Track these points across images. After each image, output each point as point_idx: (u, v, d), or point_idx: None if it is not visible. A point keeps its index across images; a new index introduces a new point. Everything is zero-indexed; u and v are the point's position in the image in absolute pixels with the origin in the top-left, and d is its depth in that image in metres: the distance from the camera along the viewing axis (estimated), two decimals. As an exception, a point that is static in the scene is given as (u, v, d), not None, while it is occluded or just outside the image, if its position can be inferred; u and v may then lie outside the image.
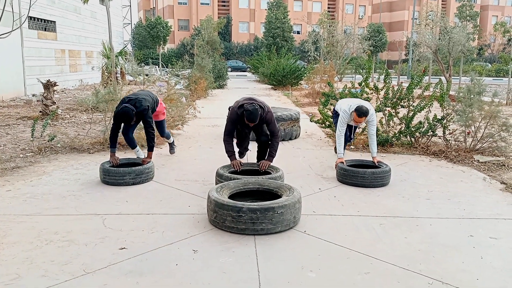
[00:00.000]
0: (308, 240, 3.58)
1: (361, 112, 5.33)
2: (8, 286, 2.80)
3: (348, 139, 5.98)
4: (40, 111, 10.02)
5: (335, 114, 6.02)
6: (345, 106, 5.59)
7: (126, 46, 26.60)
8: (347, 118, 5.54)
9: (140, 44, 45.72)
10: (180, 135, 8.10)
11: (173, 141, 6.74)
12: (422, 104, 6.98)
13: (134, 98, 5.29)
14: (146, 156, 5.44)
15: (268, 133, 5.09)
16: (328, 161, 6.31)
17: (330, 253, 3.35)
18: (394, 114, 7.16)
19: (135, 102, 5.23)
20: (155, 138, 5.65)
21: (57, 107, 10.13)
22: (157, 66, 32.00)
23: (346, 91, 7.49)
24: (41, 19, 17.45)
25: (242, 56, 49.38)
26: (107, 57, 17.78)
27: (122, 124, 5.45)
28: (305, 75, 19.36)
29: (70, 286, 2.81)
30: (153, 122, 5.51)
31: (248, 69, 39.03)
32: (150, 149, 5.40)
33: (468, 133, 6.84)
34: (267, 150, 5.12)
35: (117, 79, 11.22)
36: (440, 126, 6.87)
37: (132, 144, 5.81)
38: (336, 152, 6.51)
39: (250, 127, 5.00)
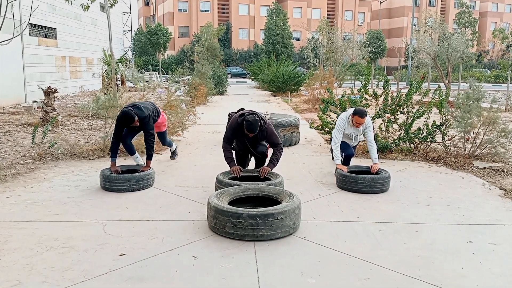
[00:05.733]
0: (308, 246, 3.58)
1: (361, 112, 5.40)
2: (9, 293, 2.81)
3: (351, 153, 5.89)
4: (40, 118, 10.05)
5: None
6: (340, 117, 5.69)
7: (126, 53, 26.71)
8: (343, 125, 5.58)
9: (140, 51, 45.87)
10: (180, 141, 8.11)
11: (176, 148, 6.75)
12: (421, 110, 7.00)
13: (136, 106, 5.33)
14: (145, 165, 5.42)
15: (265, 147, 5.09)
16: (328, 167, 6.33)
17: (330, 259, 3.35)
18: (393, 120, 7.18)
19: (136, 108, 5.27)
20: (155, 145, 5.64)
21: (57, 113, 10.16)
22: (157, 73, 32.10)
23: (346, 97, 7.51)
24: (42, 26, 17.54)
25: (242, 63, 49.52)
26: (107, 63, 17.85)
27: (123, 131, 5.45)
28: (304, 81, 19.43)
29: (70, 293, 2.82)
30: (154, 131, 5.51)
31: (248, 75, 39.15)
32: (149, 157, 5.39)
33: (467, 139, 6.86)
34: (264, 161, 5.15)
35: (117, 85, 11.25)
36: (439, 132, 6.89)
37: (130, 151, 5.82)
38: (333, 159, 6.53)
39: (249, 137, 5.00)
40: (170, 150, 6.72)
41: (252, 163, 5.73)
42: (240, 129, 4.92)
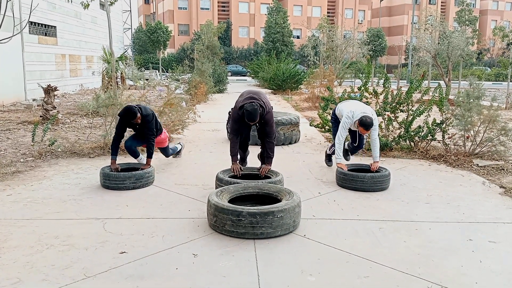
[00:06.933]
0: (308, 244, 3.59)
1: (367, 125, 5.18)
2: (9, 290, 2.81)
3: (359, 146, 5.85)
4: (40, 116, 10.05)
5: (334, 119, 5.94)
6: (347, 112, 5.44)
7: (126, 51, 26.69)
8: (349, 124, 5.42)
9: (140, 49, 45.86)
10: (180, 140, 8.11)
11: (181, 149, 6.70)
12: (421, 109, 7.00)
13: (139, 105, 5.31)
14: (145, 163, 5.40)
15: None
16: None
17: (330, 257, 3.36)
18: (393, 118, 7.18)
19: (141, 105, 5.25)
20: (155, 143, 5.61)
21: (57, 111, 10.15)
22: (157, 71, 32.08)
23: (346, 96, 7.51)
24: (42, 24, 17.52)
25: (242, 61, 49.49)
26: (107, 61, 17.85)
27: (126, 135, 5.43)
28: (304, 79, 19.41)
29: (70, 290, 2.82)
30: (154, 130, 5.46)
31: (248, 73, 39.13)
32: (149, 156, 5.38)
33: (467, 137, 6.86)
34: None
35: (117, 83, 11.24)
36: (439, 130, 6.89)
37: (134, 155, 5.71)
38: (326, 158, 6.52)
39: (251, 126, 5.02)
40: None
41: (253, 161, 5.73)
42: (242, 120, 4.89)
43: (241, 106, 4.83)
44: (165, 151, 6.18)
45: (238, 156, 5.17)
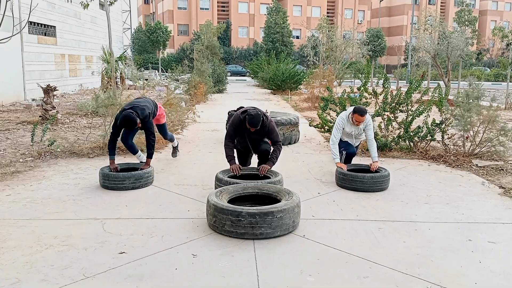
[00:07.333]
0: (307, 245, 3.59)
1: (361, 110, 5.40)
2: (8, 291, 2.81)
3: (353, 152, 5.87)
4: (39, 116, 10.04)
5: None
6: (341, 115, 5.68)
7: (125, 51, 26.68)
8: (343, 124, 5.57)
9: (139, 49, 45.86)
10: (180, 140, 8.10)
11: (177, 145, 6.72)
12: (420, 109, 7.00)
13: (135, 106, 5.25)
14: (144, 163, 5.40)
15: (267, 145, 5.12)
16: (327, 165, 6.33)
17: (329, 257, 3.36)
18: (393, 118, 7.18)
19: (137, 109, 5.21)
20: (155, 143, 5.62)
21: (56, 111, 10.14)
22: (156, 71, 32.06)
23: (345, 96, 7.52)
24: (41, 24, 17.51)
25: (241, 61, 49.49)
26: (107, 61, 17.83)
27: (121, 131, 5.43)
28: (304, 79, 19.41)
29: (69, 291, 2.82)
30: (154, 128, 5.47)
31: (247, 73, 39.13)
32: (149, 156, 5.37)
33: (467, 138, 6.86)
34: (267, 158, 5.14)
35: (116, 84, 11.24)
36: (438, 130, 6.89)
37: (133, 150, 5.75)
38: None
39: (251, 133, 4.99)
40: (172, 146, 6.67)
41: (253, 161, 5.73)
42: (242, 126, 4.92)
43: (244, 110, 4.89)
44: (163, 130, 6.13)
45: (236, 159, 5.16)
